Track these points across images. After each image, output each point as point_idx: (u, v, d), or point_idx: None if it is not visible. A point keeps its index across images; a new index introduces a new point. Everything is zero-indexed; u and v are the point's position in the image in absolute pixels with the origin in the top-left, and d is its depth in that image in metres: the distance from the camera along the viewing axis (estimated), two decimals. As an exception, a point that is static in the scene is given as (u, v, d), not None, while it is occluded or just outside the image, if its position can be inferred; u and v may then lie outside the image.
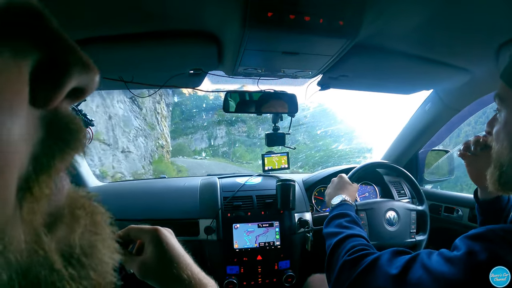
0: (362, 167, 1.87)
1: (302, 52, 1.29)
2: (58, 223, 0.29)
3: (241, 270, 1.94)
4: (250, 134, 22.16)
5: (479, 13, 1.10)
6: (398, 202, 1.89)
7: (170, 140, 17.15)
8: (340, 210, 1.42)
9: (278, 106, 1.87)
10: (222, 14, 1.09)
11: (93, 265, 0.30)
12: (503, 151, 0.89)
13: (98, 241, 0.32)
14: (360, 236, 1.23)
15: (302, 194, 2.20)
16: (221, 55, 1.39)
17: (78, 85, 0.29)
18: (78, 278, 0.28)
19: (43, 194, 0.26)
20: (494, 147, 0.94)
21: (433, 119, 2.07)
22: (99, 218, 0.35)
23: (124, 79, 1.58)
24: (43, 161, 0.26)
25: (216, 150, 22.63)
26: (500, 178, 0.92)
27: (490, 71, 1.50)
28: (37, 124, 0.26)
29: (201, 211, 2.00)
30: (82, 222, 0.31)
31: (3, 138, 0.22)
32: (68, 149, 0.28)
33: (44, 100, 0.26)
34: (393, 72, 1.62)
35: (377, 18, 1.12)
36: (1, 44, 0.22)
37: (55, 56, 0.26)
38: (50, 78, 0.26)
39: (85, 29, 1.15)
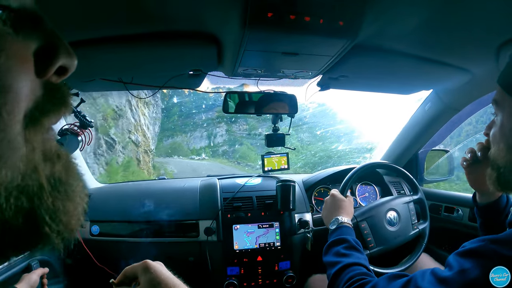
0: (353, 174, 1.84)
1: (302, 52, 1.29)
2: (47, 159, 0.42)
3: (242, 271, 1.94)
4: (251, 132, 21.01)
5: (478, 13, 1.09)
6: (394, 200, 1.89)
7: (154, 137, 14.67)
8: (337, 236, 1.42)
9: (277, 107, 1.86)
10: (222, 15, 1.08)
11: (68, 191, 0.44)
12: (499, 153, 0.92)
13: (71, 177, 0.45)
14: (358, 264, 1.23)
15: (302, 194, 2.20)
16: (220, 56, 1.38)
17: (63, 64, 0.43)
18: (57, 195, 0.42)
19: (40, 127, 0.40)
20: (491, 149, 0.97)
21: (433, 119, 2.07)
22: (72, 165, 0.47)
23: (123, 80, 1.58)
24: (42, 106, 0.40)
25: (215, 149, 21.27)
26: (498, 179, 0.94)
27: (489, 71, 1.50)
28: (38, 85, 0.40)
29: (201, 212, 2.00)
30: (62, 162, 0.44)
31: (18, 86, 0.36)
32: (58, 103, 0.44)
33: (42, 72, 0.40)
34: (393, 73, 1.61)
35: (377, 19, 1.11)
36: (18, 31, 0.37)
37: (49, 43, 0.41)
38: (46, 57, 0.40)
39: (85, 30, 1.15)
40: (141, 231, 1.96)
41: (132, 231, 1.96)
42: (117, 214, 1.99)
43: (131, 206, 2.03)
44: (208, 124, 21.57)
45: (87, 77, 1.49)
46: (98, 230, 1.95)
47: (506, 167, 0.91)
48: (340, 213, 1.55)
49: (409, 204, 1.87)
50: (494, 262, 0.75)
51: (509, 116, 0.89)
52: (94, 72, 1.45)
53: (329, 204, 1.65)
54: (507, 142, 0.90)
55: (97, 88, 1.81)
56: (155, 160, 15.30)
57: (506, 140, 0.90)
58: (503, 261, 0.74)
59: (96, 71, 1.46)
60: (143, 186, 2.37)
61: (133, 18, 1.10)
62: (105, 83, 1.57)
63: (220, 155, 20.53)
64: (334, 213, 1.56)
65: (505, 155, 0.90)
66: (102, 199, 2.10)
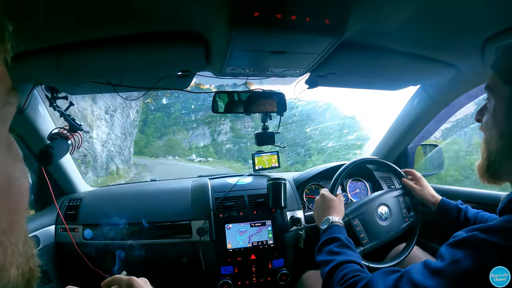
0: (343, 170, 1.83)
1: (289, 51, 1.29)
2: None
3: (235, 270, 1.94)
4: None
5: (464, 9, 1.11)
6: (384, 195, 1.88)
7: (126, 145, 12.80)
8: (329, 235, 1.42)
9: (266, 106, 1.87)
10: (209, 15, 1.08)
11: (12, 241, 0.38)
12: (491, 139, 0.94)
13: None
14: (352, 261, 1.23)
15: (294, 192, 2.21)
16: (208, 56, 1.38)
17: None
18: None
19: None
20: (484, 136, 0.99)
21: (421, 113, 2.08)
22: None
23: (112, 82, 1.58)
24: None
25: (219, 148, 19.52)
26: (489, 168, 0.96)
27: (476, 65, 1.52)
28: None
29: (193, 212, 2.01)
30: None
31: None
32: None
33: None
34: (380, 69, 1.63)
35: (363, 16, 1.12)
36: None
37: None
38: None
39: (73, 33, 1.15)
40: (134, 233, 1.95)
41: (125, 233, 1.95)
42: (109, 218, 1.98)
43: (124, 209, 2.02)
44: (211, 121, 19.85)
45: (75, 80, 1.48)
46: (91, 234, 1.94)
47: (498, 154, 0.92)
48: (330, 212, 1.54)
49: (399, 198, 1.87)
50: (484, 251, 0.76)
51: (502, 102, 0.90)
52: (82, 74, 1.45)
53: (320, 204, 1.64)
54: (499, 128, 0.91)
55: (86, 90, 1.81)
56: (143, 163, 14.98)
57: (498, 127, 0.91)
58: (494, 249, 0.75)
59: (85, 74, 1.45)
60: (135, 188, 2.37)
61: (121, 19, 1.10)
62: (94, 85, 1.57)
63: (224, 154, 19.14)
64: (325, 212, 1.56)
65: (497, 141, 0.92)
66: (94, 203, 2.09)
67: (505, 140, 0.89)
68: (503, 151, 0.91)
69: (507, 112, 0.88)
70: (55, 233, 1.95)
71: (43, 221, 1.92)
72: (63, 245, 1.94)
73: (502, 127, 0.90)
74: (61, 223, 1.96)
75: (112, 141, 11.56)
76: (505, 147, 0.90)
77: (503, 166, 0.93)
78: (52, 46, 1.19)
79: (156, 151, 18.54)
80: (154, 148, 18.66)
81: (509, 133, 0.88)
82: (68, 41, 1.18)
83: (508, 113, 0.88)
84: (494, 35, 1.25)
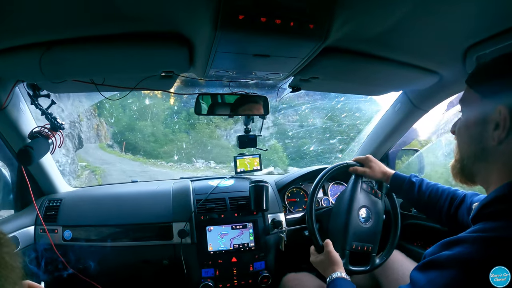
0: (324, 174, 1.80)
1: (273, 54, 1.30)
2: None
3: (216, 272, 1.94)
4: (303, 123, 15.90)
5: (446, 18, 1.13)
6: (353, 199, 1.76)
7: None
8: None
9: (249, 108, 1.88)
10: (194, 16, 1.08)
11: None
12: (463, 145, 1.01)
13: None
14: None
15: (275, 195, 2.22)
16: (192, 58, 1.38)
17: None
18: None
19: None
20: (457, 142, 1.05)
21: (403, 119, 2.11)
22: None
23: (95, 81, 1.56)
24: None
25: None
26: (462, 170, 1.02)
27: (457, 73, 1.55)
28: None
29: (174, 214, 2.00)
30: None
31: None
32: None
33: None
34: (363, 75, 1.64)
35: (347, 22, 1.13)
36: None
37: None
38: None
39: (56, 31, 1.14)
40: (115, 235, 1.94)
41: (105, 235, 1.94)
42: (90, 219, 1.97)
43: (104, 210, 2.02)
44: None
45: (57, 78, 1.46)
46: (71, 235, 1.92)
47: (470, 158, 0.98)
48: (332, 270, 1.51)
49: (362, 186, 1.81)
50: (454, 268, 0.76)
51: (472, 110, 0.96)
52: (65, 72, 1.43)
53: (319, 268, 1.61)
54: (470, 134, 0.96)
55: (69, 89, 1.79)
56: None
57: (469, 133, 0.97)
58: (462, 264, 0.75)
59: (67, 72, 1.43)
60: (116, 189, 2.34)
61: (105, 18, 1.09)
62: (76, 84, 1.55)
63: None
64: (327, 273, 1.52)
65: (469, 146, 0.97)
66: (74, 204, 2.07)
67: (476, 144, 0.94)
68: (475, 156, 0.96)
69: (477, 119, 0.93)
70: (34, 234, 1.92)
71: (22, 221, 1.89)
72: (43, 246, 1.91)
73: (472, 133, 0.95)
74: (41, 224, 1.93)
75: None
76: (477, 151, 0.95)
77: (476, 169, 0.98)
78: (35, 43, 1.18)
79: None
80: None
81: (479, 137, 0.93)
82: (52, 38, 1.17)
83: (478, 119, 0.93)
84: (475, 44, 1.28)
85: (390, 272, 1.82)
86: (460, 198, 1.47)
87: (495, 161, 0.91)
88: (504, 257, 0.72)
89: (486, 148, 0.91)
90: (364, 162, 1.83)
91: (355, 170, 1.82)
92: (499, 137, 0.86)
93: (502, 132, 0.85)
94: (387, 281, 1.81)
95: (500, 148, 0.88)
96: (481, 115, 0.92)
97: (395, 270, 1.81)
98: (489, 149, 0.91)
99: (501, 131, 0.86)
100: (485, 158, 0.93)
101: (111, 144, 19.48)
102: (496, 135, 0.87)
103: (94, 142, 19.21)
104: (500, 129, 0.86)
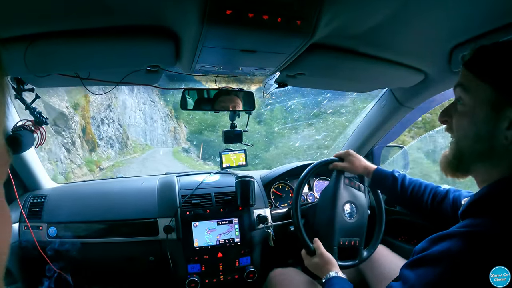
0: (310, 170, 1.84)
1: (260, 50, 1.30)
2: None
3: (202, 268, 1.95)
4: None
5: (433, 17, 1.15)
6: (337, 196, 1.79)
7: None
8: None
9: (235, 104, 1.89)
10: (181, 10, 1.07)
11: None
12: (466, 142, 0.91)
13: None
14: None
15: (261, 190, 2.23)
16: (178, 52, 1.37)
17: None
18: None
19: None
20: (454, 137, 0.96)
21: (388, 116, 2.13)
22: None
23: (80, 75, 1.55)
24: None
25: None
26: (458, 167, 0.95)
27: (443, 71, 1.57)
28: None
29: (159, 210, 2.00)
30: None
31: None
32: None
33: None
34: (349, 72, 1.65)
35: (335, 19, 1.13)
36: None
37: None
38: None
39: (40, 23, 1.12)
40: (100, 231, 1.93)
41: (91, 231, 1.93)
42: (74, 215, 1.95)
43: (89, 206, 2.01)
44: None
45: (42, 72, 1.44)
46: (56, 232, 1.90)
47: (471, 157, 0.91)
48: (326, 270, 1.53)
49: (345, 181, 1.83)
50: (443, 263, 0.76)
51: (482, 104, 0.85)
52: (49, 66, 1.41)
53: (314, 270, 1.63)
54: (478, 132, 0.87)
55: (53, 83, 1.77)
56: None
57: (476, 130, 0.87)
58: (451, 259, 0.76)
59: (52, 66, 1.41)
60: (101, 185, 2.33)
61: (91, 11, 1.08)
62: (61, 78, 1.53)
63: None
64: (323, 274, 1.54)
65: (473, 144, 0.89)
66: (59, 200, 2.05)
67: (484, 143, 0.86)
68: (480, 155, 0.88)
69: (488, 115, 0.84)
70: (19, 231, 1.91)
71: None
72: (28, 244, 1.89)
73: (481, 130, 0.86)
74: (25, 221, 1.91)
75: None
76: (483, 150, 0.87)
77: (475, 166, 0.92)
78: (20, 36, 1.16)
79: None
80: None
81: (489, 135, 0.84)
82: (36, 31, 1.15)
83: (488, 116, 0.84)
84: (461, 43, 1.31)
85: (375, 266, 1.85)
86: (443, 194, 1.50)
87: (500, 160, 0.85)
88: (494, 255, 0.72)
89: (495, 147, 0.84)
90: (344, 157, 1.84)
91: (335, 166, 1.84)
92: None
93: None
94: (373, 275, 1.84)
95: (511, 147, 0.81)
96: (493, 111, 0.83)
97: (380, 265, 1.84)
98: (499, 148, 0.83)
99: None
100: (491, 157, 0.86)
101: (187, 148, 18.73)
102: (510, 134, 0.80)
103: (172, 146, 18.52)
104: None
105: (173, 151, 17.15)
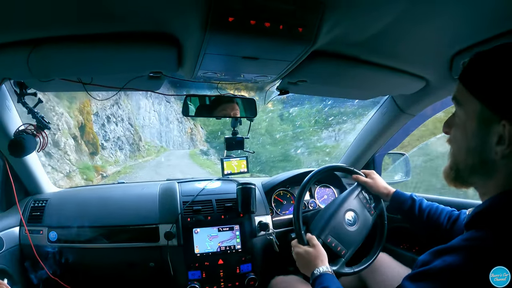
0: (311, 177, 1.80)
1: (261, 57, 1.30)
2: None
3: (203, 274, 1.94)
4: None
5: (434, 24, 1.15)
6: (346, 199, 1.81)
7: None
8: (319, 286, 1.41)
9: (237, 110, 1.90)
10: (184, 18, 1.08)
11: None
12: (460, 155, 0.92)
13: None
14: None
15: (262, 197, 2.22)
16: (181, 59, 1.37)
17: None
18: None
19: None
20: (451, 149, 0.96)
21: (389, 123, 2.13)
22: None
23: (83, 80, 1.55)
24: None
25: None
26: (456, 179, 0.95)
27: (444, 78, 1.57)
28: None
29: (160, 216, 1.99)
30: None
31: None
32: None
33: None
34: (351, 79, 1.65)
35: (336, 26, 1.13)
36: None
37: None
38: None
39: (44, 29, 1.13)
40: (101, 236, 1.92)
41: (91, 236, 1.92)
42: (76, 220, 1.95)
43: (90, 211, 2.00)
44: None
45: (45, 76, 1.45)
46: (56, 237, 1.90)
47: (466, 170, 0.91)
48: (316, 263, 1.50)
49: (359, 196, 1.83)
50: (446, 278, 0.76)
51: (472, 118, 0.85)
52: (52, 71, 1.41)
53: (301, 261, 1.59)
54: (468, 145, 0.88)
55: (56, 88, 1.77)
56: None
57: (467, 144, 0.88)
58: (454, 273, 0.75)
59: (54, 70, 1.42)
60: (102, 190, 2.33)
61: (93, 17, 1.08)
62: (64, 83, 1.54)
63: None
64: (311, 265, 1.51)
65: (466, 158, 0.89)
66: (60, 204, 2.05)
67: (475, 157, 0.87)
68: (472, 167, 0.89)
69: (477, 129, 0.85)
70: (19, 235, 1.91)
71: (7, 222, 1.88)
72: (28, 247, 1.89)
73: (471, 144, 0.87)
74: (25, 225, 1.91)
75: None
76: (475, 163, 0.87)
77: (472, 180, 0.92)
78: (23, 40, 1.17)
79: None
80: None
81: (479, 149, 0.85)
82: (40, 36, 1.16)
83: (478, 130, 0.84)
84: (462, 50, 1.31)
85: (377, 274, 1.83)
86: (456, 215, 1.51)
87: (494, 173, 0.84)
88: (492, 265, 0.71)
89: (487, 161, 0.84)
90: (367, 174, 1.86)
91: (357, 178, 1.85)
92: (502, 152, 0.79)
93: (507, 148, 0.78)
94: (374, 282, 1.83)
95: (503, 162, 0.81)
96: (482, 126, 0.83)
97: (382, 272, 1.83)
98: (490, 162, 0.83)
99: (505, 147, 0.78)
100: (484, 171, 0.86)
101: (206, 150, 18.14)
102: (500, 150, 0.80)
103: (188, 148, 18.02)
104: (505, 145, 0.78)
105: (190, 153, 16.79)
